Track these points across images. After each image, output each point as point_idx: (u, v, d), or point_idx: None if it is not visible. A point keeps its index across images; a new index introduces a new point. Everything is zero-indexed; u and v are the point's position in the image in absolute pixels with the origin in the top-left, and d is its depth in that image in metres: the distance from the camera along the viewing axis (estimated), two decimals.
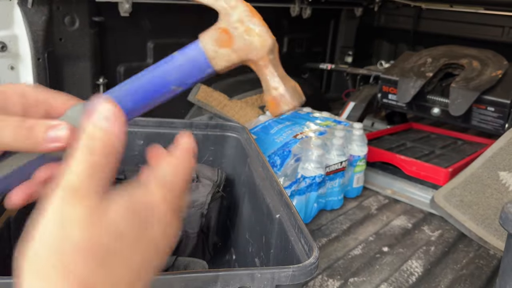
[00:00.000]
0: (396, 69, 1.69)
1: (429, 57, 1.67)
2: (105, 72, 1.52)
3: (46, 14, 1.25)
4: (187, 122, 1.07)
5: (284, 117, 1.40)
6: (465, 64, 1.58)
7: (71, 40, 1.34)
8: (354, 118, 1.69)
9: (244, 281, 0.51)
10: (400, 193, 1.41)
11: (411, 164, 1.41)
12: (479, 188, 1.26)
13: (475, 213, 1.21)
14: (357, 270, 1.03)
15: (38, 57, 1.24)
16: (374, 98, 1.75)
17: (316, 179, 1.16)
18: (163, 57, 0.45)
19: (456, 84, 1.49)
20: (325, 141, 1.24)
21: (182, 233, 0.93)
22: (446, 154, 1.55)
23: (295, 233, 0.65)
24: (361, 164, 1.34)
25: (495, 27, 2.18)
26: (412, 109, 1.69)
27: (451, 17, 2.33)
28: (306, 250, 0.59)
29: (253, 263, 0.82)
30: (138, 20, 1.58)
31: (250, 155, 0.94)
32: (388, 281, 0.99)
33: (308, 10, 2.19)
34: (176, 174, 0.33)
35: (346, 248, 1.11)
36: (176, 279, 0.50)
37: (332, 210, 1.30)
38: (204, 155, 1.08)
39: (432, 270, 1.05)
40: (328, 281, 0.97)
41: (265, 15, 1.61)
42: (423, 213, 1.30)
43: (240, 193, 0.98)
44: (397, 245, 1.14)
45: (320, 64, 2.30)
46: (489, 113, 1.49)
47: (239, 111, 1.77)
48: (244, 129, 1.05)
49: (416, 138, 1.73)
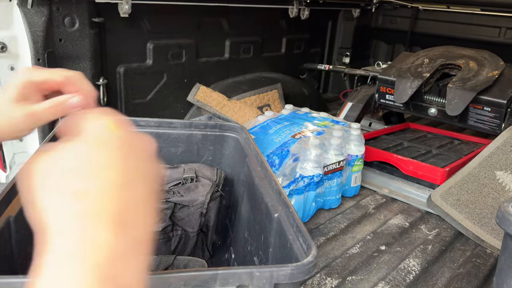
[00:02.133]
0: (393, 69, 1.70)
1: (426, 57, 1.68)
2: (105, 72, 1.52)
3: (46, 14, 1.25)
4: (186, 122, 1.07)
5: (283, 117, 1.41)
6: (462, 65, 1.59)
7: (71, 40, 1.35)
8: (352, 118, 1.70)
9: (243, 279, 0.52)
10: (397, 192, 1.42)
11: (408, 163, 1.42)
12: (476, 187, 1.27)
13: (472, 212, 1.22)
14: (355, 268, 1.03)
15: (38, 57, 1.25)
16: (371, 98, 1.76)
17: (314, 178, 1.17)
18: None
19: (453, 84, 1.50)
20: (323, 141, 1.25)
21: (181, 232, 0.94)
22: (443, 153, 1.56)
23: (294, 232, 0.65)
24: (358, 163, 1.35)
25: (492, 27, 2.20)
26: (409, 109, 1.70)
27: (448, 18, 2.35)
28: (305, 249, 0.60)
29: (252, 262, 0.83)
30: (137, 21, 1.58)
31: (249, 154, 0.95)
32: (386, 280, 0.99)
33: (306, 11, 2.20)
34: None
35: (344, 247, 1.12)
36: (175, 278, 0.50)
37: (330, 209, 1.31)
38: (203, 155, 1.08)
39: (429, 268, 1.06)
40: (326, 280, 0.98)
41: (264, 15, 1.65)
42: (420, 212, 1.31)
43: (239, 192, 0.99)
44: (395, 243, 1.15)
45: (318, 65, 2.31)
46: (486, 113, 1.50)
47: (238, 111, 1.78)
48: (243, 129, 1.05)
49: (413, 138, 1.74)
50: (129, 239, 0.31)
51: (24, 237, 0.68)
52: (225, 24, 1.90)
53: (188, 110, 1.83)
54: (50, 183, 0.32)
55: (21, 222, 0.67)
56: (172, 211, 0.90)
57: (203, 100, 1.79)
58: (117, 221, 0.31)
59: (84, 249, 0.29)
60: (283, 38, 2.20)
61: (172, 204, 0.89)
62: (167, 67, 1.71)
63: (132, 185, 0.33)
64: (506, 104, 1.44)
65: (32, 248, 0.29)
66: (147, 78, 1.67)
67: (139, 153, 0.36)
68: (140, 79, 1.65)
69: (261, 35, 2.07)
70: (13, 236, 0.65)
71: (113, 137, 0.35)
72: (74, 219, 0.30)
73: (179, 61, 1.75)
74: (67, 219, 0.30)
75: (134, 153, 0.35)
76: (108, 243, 0.30)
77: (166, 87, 1.73)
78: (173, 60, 1.72)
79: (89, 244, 0.29)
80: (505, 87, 1.48)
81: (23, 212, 0.67)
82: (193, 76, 1.81)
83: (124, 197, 0.32)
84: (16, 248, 0.65)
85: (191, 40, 1.77)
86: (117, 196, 0.32)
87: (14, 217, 0.65)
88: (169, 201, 0.89)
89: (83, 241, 0.29)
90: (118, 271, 0.30)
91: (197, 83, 1.82)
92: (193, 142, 1.07)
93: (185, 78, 1.79)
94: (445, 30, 2.34)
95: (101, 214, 0.31)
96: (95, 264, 0.29)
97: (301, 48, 2.32)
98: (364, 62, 2.62)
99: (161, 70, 1.69)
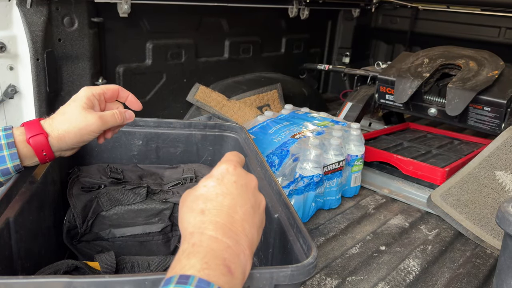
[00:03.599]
0: (393, 69, 1.70)
1: (426, 57, 1.68)
2: (104, 72, 1.52)
3: (45, 14, 1.25)
4: (185, 122, 1.07)
5: (282, 117, 1.41)
6: (462, 65, 1.59)
7: (70, 40, 1.35)
8: (352, 118, 1.70)
9: None
10: (397, 193, 1.42)
11: (408, 163, 1.42)
12: (476, 187, 1.27)
13: (471, 212, 1.22)
14: (355, 269, 1.03)
15: (37, 57, 1.24)
16: (371, 99, 1.76)
17: (314, 178, 1.17)
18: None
19: (453, 84, 1.50)
20: (322, 141, 1.24)
21: (180, 233, 0.94)
22: (443, 153, 1.56)
23: (294, 232, 0.65)
24: (358, 163, 1.35)
25: (492, 27, 2.20)
26: (409, 109, 1.70)
27: (448, 18, 2.35)
28: (305, 250, 0.60)
29: (252, 262, 0.83)
30: (137, 21, 1.58)
31: (248, 155, 0.95)
32: (386, 280, 0.99)
33: (306, 11, 2.19)
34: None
35: (343, 247, 1.11)
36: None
37: (330, 210, 1.30)
38: (203, 155, 1.08)
39: (429, 269, 1.06)
40: (326, 280, 0.98)
41: (264, 15, 1.65)
42: (420, 212, 1.31)
43: None
44: (394, 244, 1.15)
45: (318, 65, 2.31)
46: (486, 113, 1.50)
47: (238, 111, 1.78)
48: (242, 129, 1.05)
49: (413, 138, 1.74)
50: (238, 242, 0.48)
51: (23, 237, 0.67)
52: (224, 24, 1.90)
53: (188, 110, 1.82)
54: (188, 205, 0.51)
55: (20, 222, 0.67)
56: (172, 211, 0.89)
57: (203, 100, 1.79)
58: (225, 228, 0.48)
59: (201, 240, 0.46)
60: (282, 38, 2.20)
61: (172, 204, 0.89)
62: (167, 67, 1.71)
63: (237, 208, 0.50)
64: (506, 104, 1.44)
65: (32, 249, 0.29)
66: (147, 78, 1.67)
67: (244, 187, 0.53)
68: (139, 79, 1.64)
69: (261, 35, 2.07)
70: (12, 236, 0.65)
71: (228, 176, 0.53)
72: (197, 225, 0.48)
73: (178, 61, 1.74)
74: (194, 225, 0.48)
75: (241, 186, 0.52)
76: (215, 239, 0.46)
77: (166, 87, 1.73)
78: (173, 60, 1.72)
79: (205, 237, 0.46)
80: (505, 87, 1.48)
81: (22, 213, 0.67)
82: (192, 76, 1.81)
83: (231, 214, 0.49)
84: (16, 248, 0.65)
85: (191, 40, 1.77)
86: (225, 213, 0.49)
87: (13, 218, 0.65)
88: (168, 201, 0.89)
89: (201, 235, 0.46)
90: (226, 256, 0.45)
91: (196, 83, 1.82)
92: (193, 142, 1.07)
93: (184, 78, 1.79)
94: (445, 30, 2.34)
95: (212, 222, 0.48)
96: (208, 248, 0.45)
97: (300, 48, 2.31)
98: (364, 62, 2.62)
99: (160, 70, 1.69)
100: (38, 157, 0.69)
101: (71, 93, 1.39)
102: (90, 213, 0.86)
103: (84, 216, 0.85)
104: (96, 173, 0.93)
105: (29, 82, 1.26)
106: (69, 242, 0.86)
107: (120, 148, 1.04)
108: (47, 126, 0.68)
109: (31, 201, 0.72)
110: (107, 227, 0.87)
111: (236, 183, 0.52)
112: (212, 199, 0.50)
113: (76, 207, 0.84)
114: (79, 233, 0.86)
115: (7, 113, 1.28)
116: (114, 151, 1.04)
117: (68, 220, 0.85)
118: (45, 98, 1.29)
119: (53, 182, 0.85)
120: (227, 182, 0.52)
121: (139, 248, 0.89)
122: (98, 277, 0.49)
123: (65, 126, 0.68)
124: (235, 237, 0.48)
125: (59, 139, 0.68)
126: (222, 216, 0.49)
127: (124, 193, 0.88)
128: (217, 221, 0.48)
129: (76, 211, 0.84)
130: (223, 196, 0.50)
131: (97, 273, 0.72)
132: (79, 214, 0.84)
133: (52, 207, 0.83)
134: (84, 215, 0.85)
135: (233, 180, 0.52)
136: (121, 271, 0.75)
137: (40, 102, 1.28)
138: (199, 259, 0.43)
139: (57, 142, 0.69)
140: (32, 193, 0.72)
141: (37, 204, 0.75)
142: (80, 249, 0.87)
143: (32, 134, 0.67)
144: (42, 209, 0.77)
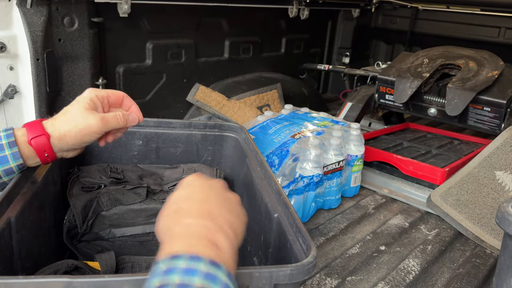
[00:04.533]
0: (393, 69, 1.70)
1: (425, 57, 1.68)
2: (104, 72, 1.52)
3: (45, 14, 1.25)
4: (185, 122, 1.07)
5: (282, 117, 1.41)
6: (462, 65, 1.59)
7: (70, 40, 1.35)
8: (352, 118, 1.70)
9: (242, 280, 0.52)
10: (397, 193, 1.42)
11: (408, 163, 1.42)
12: (476, 187, 1.27)
13: (471, 212, 1.22)
14: (355, 268, 1.03)
15: (37, 57, 1.24)
16: (371, 99, 1.76)
17: (314, 178, 1.17)
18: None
19: (453, 85, 1.50)
20: (322, 141, 1.25)
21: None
22: (442, 153, 1.56)
23: (293, 232, 0.65)
24: (358, 163, 1.35)
25: (491, 27, 2.20)
26: (409, 109, 1.70)
27: (448, 18, 2.35)
28: (304, 249, 0.60)
29: (252, 262, 0.83)
30: (137, 21, 1.58)
31: (248, 155, 0.95)
32: (385, 280, 0.99)
33: (306, 11, 2.20)
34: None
35: (343, 247, 1.12)
36: None
37: (330, 209, 1.31)
38: (203, 155, 1.08)
39: (429, 268, 1.06)
40: (325, 280, 0.98)
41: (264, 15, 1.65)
42: (420, 212, 1.31)
43: (239, 192, 0.98)
44: (394, 244, 1.15)
45: (318, 65, 2.31)
46: (486, 113, 1.50)
47: (238, 111, 1.78)
48: (242, 129, 1.05)
49: (413, 138, 1.74)
50: (216, 223, 0.50)
51: (24, 237, 0.67)
52: (224, 24, 1.90)
53: (188, 110, 1.82)
54: (165, 209, 0.54)
55: (21, 222, 0.67)
56: None
57: (203, 100, 1.79)
58: (199, 214, 0.51)
59: (180, 229, 0.49)
60: (282, 38, 2.20)
61: None
62: (167, 67, 1.71)
63: (210, 200, 0.54)
64: (505, 104, 1.44)
65: (32, 248, 0.29)
66: (147, 78, 1.67)
67: (211, 187, 0.58)
68: (139, 79, 1.64)
69: (261, 35, 2.07)
70: (13, 236, 0.65)
71: (194, 182, 0.58)
72: (173, 222, 0.51)
73: (178, 61, 1.74)
74: (169, 224, 0.51)
75: (207, 187, 0.57)
76: (194, 224, 0.50)
77: (166, 87, 1.73)
78: (173, 60, 1.72)
79: (183, 226, 0.50)
80: (505, 87, 1.48)
81: (23, 213, 0.67)
82: (192, 76, 1.81)
83: (205, 205, 0.53)
84: (17, 248, 0.65)
85: (191, 40, 1.77)
86: (198, 205, 0.53)
87: (15, 218, 0.65)
88: None
89: (179, 226, 0.50)
90: (207, 234, 0.48)
91: (196, 83, 1.82)
92: (193, 142, 1.07)
93: (184, 78, 1.79)
94: (444, 30, 2.34)
95: (186, 215, 0.51)
96: (188, 233, 0.49)
97: (300, 48, 2.32)
98: (364, 62, 2.62)
99: (160, 70, 1.69)
100: (40, 158, 0.69)
101: (71, 93, 1.40)
102: (90, 213, 0.86)
103: (84, 216, 0.85)
104: (96, 173, 0.94)
105: (29, 82, 1.26)
106: (69, 242, 0.86)
107: (120, 148, 1.04)
108: (49, 126, 0.69)
109: (32, 201, 0.72)
110: (107, 227, 0.87)
111: (202, 186, 0.57)
112: (183, 200, 0.54)
113: (76, 207, 0.84)
114: (79, 233, 0.86)
115: (7, 113, 1.28)
116: (114, 151, 1.04)
117: (68, 220, 0.85)
118: (45, 98, 1.29)
119: (54, 182, 0.85)
120: (195, 185, 0.57)
121: (139, 248, 0.89)
122: (98, 277, 0.49)
123: (67, 126, 0.69)
124: (212, 219, 0.51)
125: (60, 139, 0.69)
126: (196, 208, 0.52)
127: (124, 193, 0.88)
128: (191, 211, 0.52)
129: (76, 211, 0.84)
130: (193, 194, 0.55)
131: (97, 273, 0.72)
132: (79, 214, 0.84)
133: (53, 207, 0.83)
134: (84, 215, 0.85)
135: (200, 184, 0.58)
136: (121, 271, 0.75)
137: (40, 102, 1.28)
138: (182, 242, 0.46)
139: (58, 142, 0.69)
140: (33, 193, 0.72)
141: (38, 204, 0.75)
142: (80, 249, 0.87)
143: (34, 135, 0.67)
144: (43, 209, 0.77)
